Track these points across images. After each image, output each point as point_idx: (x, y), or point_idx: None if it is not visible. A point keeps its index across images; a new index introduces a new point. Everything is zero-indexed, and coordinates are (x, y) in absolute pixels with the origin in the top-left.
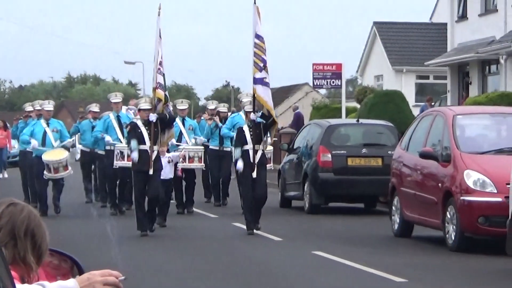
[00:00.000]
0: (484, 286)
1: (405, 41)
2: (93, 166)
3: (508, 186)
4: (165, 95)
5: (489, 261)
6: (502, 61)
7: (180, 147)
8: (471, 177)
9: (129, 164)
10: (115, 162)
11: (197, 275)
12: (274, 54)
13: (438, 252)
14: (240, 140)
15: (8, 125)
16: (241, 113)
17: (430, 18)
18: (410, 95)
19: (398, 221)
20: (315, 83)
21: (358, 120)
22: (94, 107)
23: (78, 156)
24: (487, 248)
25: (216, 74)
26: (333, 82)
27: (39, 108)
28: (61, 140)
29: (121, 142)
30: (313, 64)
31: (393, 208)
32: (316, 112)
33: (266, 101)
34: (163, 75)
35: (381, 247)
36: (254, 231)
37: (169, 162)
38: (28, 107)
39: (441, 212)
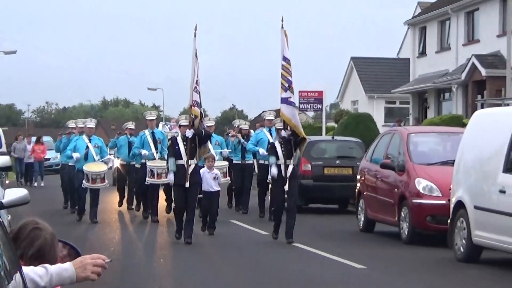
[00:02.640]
0: (429, 272)
1: (376, 73)
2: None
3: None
4: (201, 112)
5: (435, 251)
6: (454, 89)
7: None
8: (421, 184)
9: (160, 181)
10: (147, 178)
11: (192, 259)
12: (270, 81)
13: (394, 244)
14: (273, 155)
15: (51, 139)
16: (264, 130)
17: (397, 54)
18: (380, 117)
19: (363, 219)
20: (300, 107)
21: (333, 137)
22: (131, 125)
23: (109, 165)
24: (434, 241)
25: (223, 98)
26: (315, 106)
27: (81, 125)
28: (101, 155)
29: (154, 157)
30: (299, 91)
31: (359, 208)
32: None
33: (290, 119)
34: (199, 93)
35: (348, 240)
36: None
37: (214, 178)
38: (71, 124)
39: (396, 212)
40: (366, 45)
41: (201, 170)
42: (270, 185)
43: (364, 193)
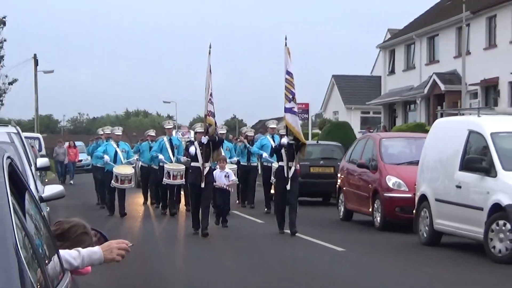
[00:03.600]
0: (398, 253)
1: (354, 88)
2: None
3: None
4: (215, 120)
5: (402, 237)
6: (418, 102)
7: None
8: (391, 180)
9: (175, 182)
10: (164, 179)
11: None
12: (266, 93)
13: (368, 231)
14: (277, 156)
15: (83, 144)
16: (268, 136)
17: (371, 72)
18: (356, 125)
19: (342, 210)
20: None
21: (317, 142)
22: (151, 132)
23: (133, 165)
24: (402, 228)
25: (226, 109)
26: (303, 116)
27: (108, 131)
28: (127, 158)
29: (171, 160)
30: None
31: (340, 201)
32: None
33: (293, 127)
34: (213, 104)
35: (330, 227)
36: (286, 231)
37: (225, 176)
38: (100, 131)
39: (371, 204)
40: (345, 64)
41: (214, 171)
42: (273, 184)
43: (344, 188)
